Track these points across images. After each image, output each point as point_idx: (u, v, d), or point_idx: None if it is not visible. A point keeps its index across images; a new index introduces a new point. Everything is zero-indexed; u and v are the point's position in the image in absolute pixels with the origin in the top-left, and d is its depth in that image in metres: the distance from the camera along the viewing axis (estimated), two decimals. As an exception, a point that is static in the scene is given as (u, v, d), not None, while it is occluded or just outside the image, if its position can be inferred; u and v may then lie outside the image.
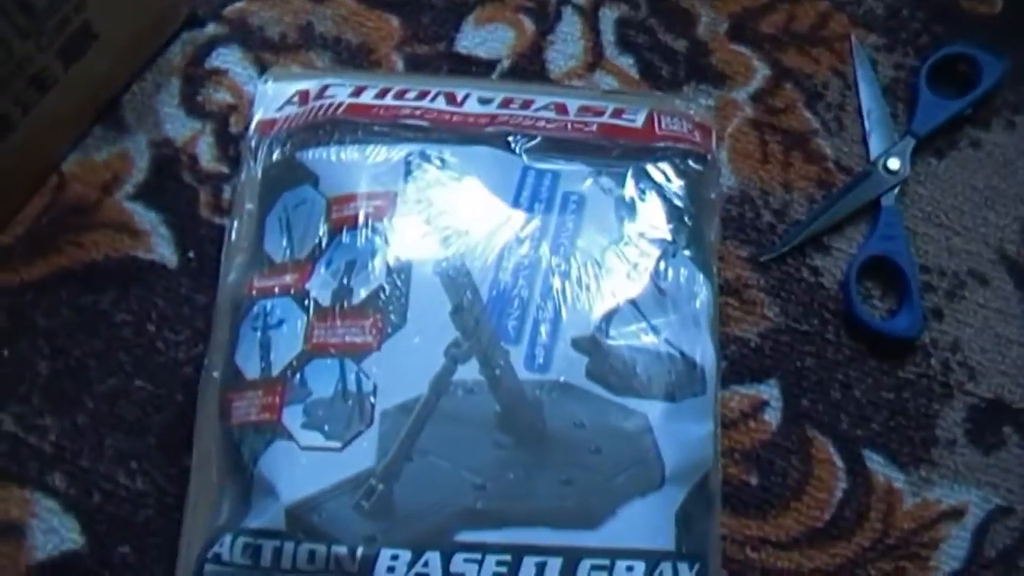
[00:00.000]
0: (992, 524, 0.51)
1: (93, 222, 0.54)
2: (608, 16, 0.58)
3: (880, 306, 0.54)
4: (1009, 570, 0.50)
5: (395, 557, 0.42)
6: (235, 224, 0.50)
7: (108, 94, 0.55)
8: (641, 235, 0.48)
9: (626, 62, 0.58)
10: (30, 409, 0.51)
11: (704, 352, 0.47)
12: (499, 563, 0.42)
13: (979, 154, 0.57)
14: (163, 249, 0.53)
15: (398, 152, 0.48)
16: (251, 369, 0.46)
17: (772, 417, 0.52)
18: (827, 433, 0.51)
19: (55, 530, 0.49)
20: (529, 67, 0.57)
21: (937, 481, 0.51)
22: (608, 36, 0.58)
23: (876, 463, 0.51)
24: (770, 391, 0.52)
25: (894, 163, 0.55)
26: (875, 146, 0.56)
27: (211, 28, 0.57)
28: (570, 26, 0.58)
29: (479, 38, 0.58)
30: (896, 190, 0.55)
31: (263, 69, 0.56)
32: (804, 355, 0.53)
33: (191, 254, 0.53)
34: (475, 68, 0.57)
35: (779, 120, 0.57)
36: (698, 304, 0.47)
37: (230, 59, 0.57)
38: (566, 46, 0.58)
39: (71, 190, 0.54)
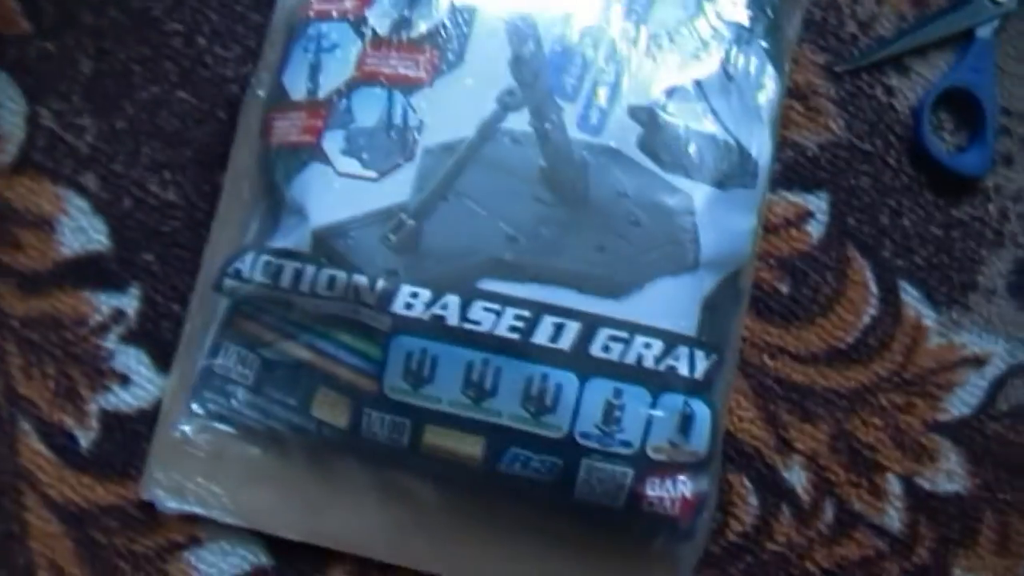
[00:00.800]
0: (1011, 378, 0.50)
1: (152, -78, 0.52)
2: None
3: (950, 140, 0.52)
4: (1017, 424, 0.50)
5: (415, 294, 0.42)
6: None
7: None
8: (718, 15, 0.45)
9: None
10: (70, 107, 0.50)
11: (761, 146, 0.45)
12: (517, 317, 0.41)
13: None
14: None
15: None
16: (297, 90, 0.45)
17: (815, 230, 0.50)
18: (867, 256, 0.50)
19: (83, 229, 0.50)
20: None
21: (967, 326, 0.50)
22: None
23: (910, 296, 0.50)
24: (818, 203, 0.50)
25: (997, -11, 0.51)
26: (982, -30, 0.52)
27: None
28: None
29: None
30: (996, 23, 0.51)
31: None
32: (860, 174, 0.51)
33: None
34: None
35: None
36: (763, 97, 0.45)
37: None
38: None
39: None
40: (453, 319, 0.41)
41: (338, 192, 0.43)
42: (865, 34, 0.52)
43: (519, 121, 0.43)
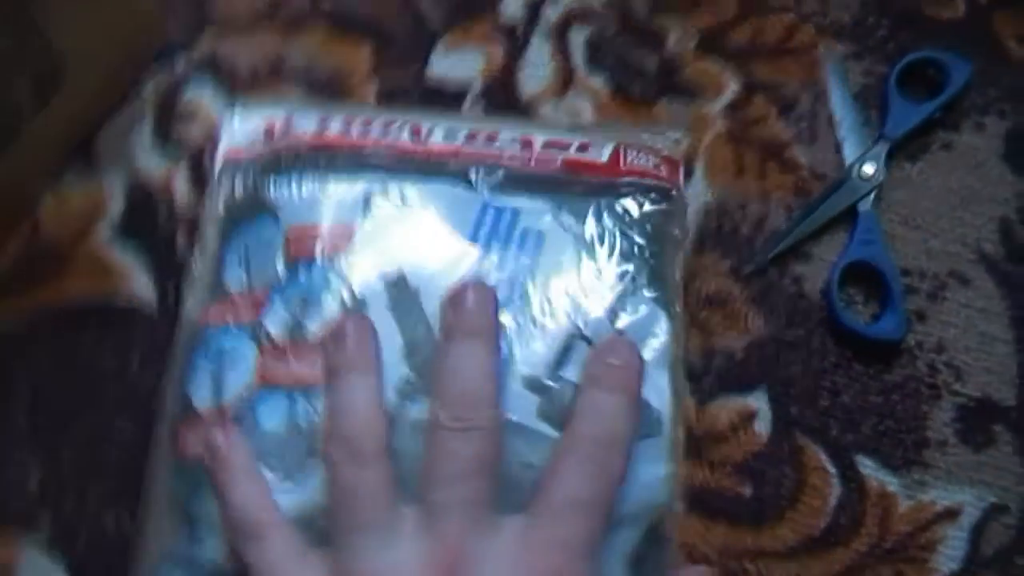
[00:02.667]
0: (988, 522, 0.50)
1: (69, 264, 0.53)
2: (577, 37, 0.59)
3: (863, 311, 0.54)
4: (1007, 567, 0.50)
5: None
6: (197, 257, 0.50)
7: (81, 133, 0.55)
8: (600, 273, 0.47)
9: (597, 81, 0.58)
10: (13, 454, 0.50)
11: (660, 393, 0.45)
12: None
13: (951, 156, 0.57)
14: (142, 288, 0.53)
15: (358, 187, 0.48)
16: (201, 400, 0.45)
17: (762, 427, 0.51)
18: (818, 440, 0.51)
19: (43, 574, 0.48)
20: (501, 91, 0.57)
21: (931, 482, 0.51)
22: (578, 56, 0.58)
23: (868, 468, 0.51)
24: (758, 401, 0.52)
25: (869, 168, 0.55)
26: (849, 153, 0.56)
27: (182, 63, 0.57)
28: (540, 48, 0.58)
29: (450, 63, 0.58)
30: (872, 195, 0.55)
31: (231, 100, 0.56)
32: (790, 364, 0.52)
33: (170, 292, 0.53)
34: (447, 94, 0.57)
35: (752, 132, 0.57)
36: (657, 344, 0.46)
37: (203, 93, 0.57)
38: (536, 69, 0.58)
39: (46, 232, 0.54)
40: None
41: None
42: (760, 232, 0.55)
43: (421, 409, 0.43)
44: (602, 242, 0.47)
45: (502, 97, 0.57)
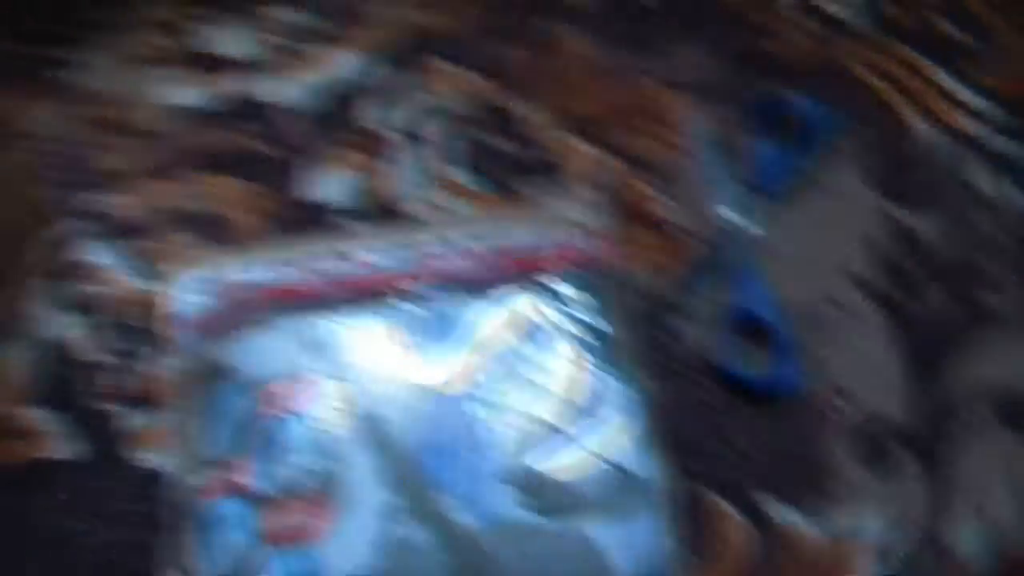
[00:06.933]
0: (895, 540, 0.53)
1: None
2: (435, 138, 0.61)
3: (753, 359, 0.56)
4: (919, 579, 0.52)
5: None
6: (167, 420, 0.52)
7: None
8: (553, 355, 0.51)
9: (466, 178, 0.60)
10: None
11: (642, 461, 0.49)
12: None
13: (815, 192, 0.60)
14: (66, 446, 0.54)
15: (307, 331, 0.51)
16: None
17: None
18: (716, 489, 0.54)
19: None
20: (377, 204, 0.59)
21: (835, 510, 0.53)
22: (444, 157, 0.60)
23: (771, 506, 0.53)
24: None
25: (741, 219, 0.58)
26: (722, 207, 0.58)
27: (70, 223, 0.58)
28: (406, 155, 0.60)
29: (323, 184, 0.59)
30: (747, 244, 0.57)
31: (129, 256, 0.58)
32: (681, 417, 0.54)
33: (95, 445, 0.54)
34: (329, 215, 0.59)
35: (626, 205, 0.59)
36: (626, 413, 0.50)
37: (94, 250, 0.58)
38: (410, 175, 0.60)
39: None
40: None
41: None
42: (647, 299, 0.57)
43: (411, 530, 0.47)
44: (545, 329, 0.51)
45: (382, 210, 0.59)
